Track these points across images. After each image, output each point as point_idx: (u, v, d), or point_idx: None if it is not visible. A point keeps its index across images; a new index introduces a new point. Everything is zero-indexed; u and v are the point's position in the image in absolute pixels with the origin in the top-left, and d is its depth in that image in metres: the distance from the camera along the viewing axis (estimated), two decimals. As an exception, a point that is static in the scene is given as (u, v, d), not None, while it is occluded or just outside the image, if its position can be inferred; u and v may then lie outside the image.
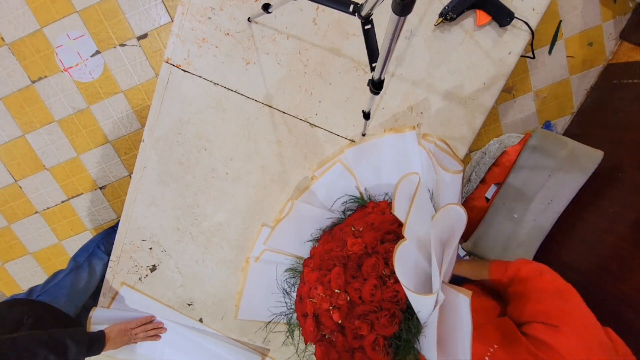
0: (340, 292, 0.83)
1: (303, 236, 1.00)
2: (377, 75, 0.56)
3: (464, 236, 1.27)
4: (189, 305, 1.11)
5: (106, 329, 1.00)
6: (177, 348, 1.11)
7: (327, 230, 0.98)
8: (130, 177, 1.25)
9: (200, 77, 0.93)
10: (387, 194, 0.96)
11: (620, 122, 1.26)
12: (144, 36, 1.46)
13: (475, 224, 1.25)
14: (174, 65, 0.93)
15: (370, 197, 0.97)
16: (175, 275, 1.09)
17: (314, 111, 0.95)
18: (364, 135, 0.95)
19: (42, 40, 1.45)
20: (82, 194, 1.65)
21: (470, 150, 1.39)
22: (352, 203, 0.97)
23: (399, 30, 0.43)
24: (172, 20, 1.43)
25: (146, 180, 1.01)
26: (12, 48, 1.46)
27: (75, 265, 1.18)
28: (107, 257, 1.24)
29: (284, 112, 0.95)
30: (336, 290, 0.83)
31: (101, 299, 1.12)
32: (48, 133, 1.55)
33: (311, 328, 0.87)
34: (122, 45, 1.47)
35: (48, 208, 1.67)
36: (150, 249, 1.07)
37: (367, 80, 0.60)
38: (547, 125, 1.56)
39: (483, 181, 1.29)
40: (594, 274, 1.06)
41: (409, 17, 0.40)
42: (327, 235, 0.96)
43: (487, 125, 1.56)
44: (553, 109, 1.55)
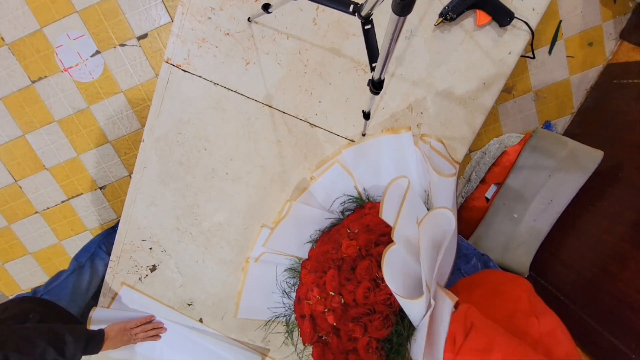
0: (334, 294, 0.83)
1: (302, 237, 0.99)
2: (377, 75, 0.56)
3: (464, 236, 1.27)
4: (189, 305, 1.11)
5: (106, 328, 1.00)
6: (177, 348, 1.11)
7: (326, 231, 0.98)
8: (130, 177, 1.25)
9: (200, 77, 0.93)
10: None
11: (620, 122, 1.26)
12: (144, 36, 1.46)
13: (475, 224, 1.25)
14: (174, 65, 0.93)
15: (369, 197, 0.96)
16: (175, 275, 1.09)
17: (314, 111, 0.95)
18: (364, 135, 0.95)
19: (42, 40, 1.45)
20: (82, 194, 1.65)
21: (470, 150, 1.39)
22: (351, 203, 0.97)
23: (399, 30, 0.43)
24: (172, 20, 1.43)
25: (146, 180, 1.01)
26: (12, 48, 1.45)
27: (78, 266, 1.18)
28: (108, 257, 1.24)
29: (284, 112, 0.95)
30: (331, 293, 0.83)
31: (101, 299, 1.12)
32: (48, 133, 1.55)
33: (308, 329, 0.87)
34: (122, 45, 1.47)
35: (48, 208, 1.67)
36: (150, 249, 1.07)
37: (367, 80, 0.60)
38: (547, 125, 1.56)
39: (483, 181, 1.29)
40: (594, 274, 1.06)
41: (409, 17, 0.40)
42: (325, 236, 0.96)
43: (487, 125, 1.56)
44: (553, 109, 1.55)
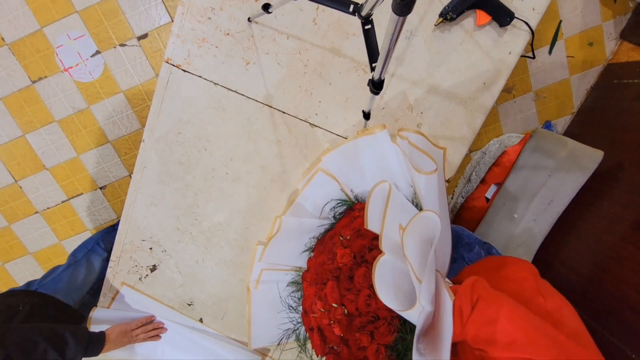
0: (337, 306, 0.83)
1: (298, 248, 0.98)
2: (377, 75, 0.56)
3: (464, 236, 1.26)
4: (189, 305, 1.11)
5: (107, 330, 1.00)
6: (177, 348, 1.11)
7: (320, 239, 0.97)
8: (130, 177, 1.25)
9: (200, 77, 0.93)
10: None
11: (620, 122, 1.26)
12: (144, 36, 1.46)
13: (475, 224, 1.25)
14: (174, 65, 0.93)
15: (357, 198, 0.96)
16: (176, 275, 1.09)
17: (314, 111, 0.95)
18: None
19: (42, 40, 1.45)
20: (82, 194, 1.65)
21: (470, 150, 1.39)
22: (341, 206, 0.96)
23: (399, 30, 0.43)
24: (172, 21, 1.43)
25: (146, 180, 1.01)
26: (12, 48, 1.46)
27: (74, 261, 1.18)
28: (106, 253, 1.24)
29: (284, 112, 0.95)
30: (333, 305, 0.83)
31: (101, 299, 1.12)
32: (48, 133, 1.55)
33: (318, 342, 0.87)
34: (122, 45, 1.47)
35: (48, 208, 1.67)
36: (151, 249, 1.07)
37: (367, 80, 0.60)
38: (547, 125, 1.56)
39: (483, 181, 1.29)
40: (594, 274, 1.06)
41: (409, 17, 0.40)
42: (320, 245, 0.95)
43: (487, 125, 1.56)
44: (553, 109, 1.55)
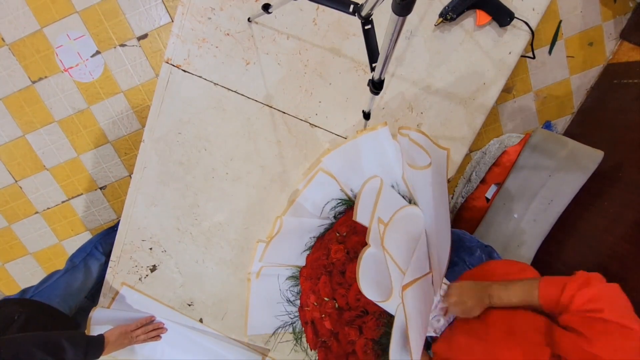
0: (328, 300, 0.83)
1: (298, 247, 0.99)
2: (377, 75, 0.56)
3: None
4: (189, 305, 1.11)
5: (106, 333, 0.99)
6: (177, 348, 1.11)
7: (320, 237, 0.98)
8: (131, 177, 1.25)
9: (200, 77, 0.93)
10: None
11: (620, 122, 1.26)
12: (144, 36, 1.46)
13: (475, 224, 1.25)
14: (174, 66, 0.93)
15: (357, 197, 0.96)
16: (176, 275, 1.09)
17: (314, 111, 0.95)
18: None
19: (42, 40, 1.45)
20: (82, 194, 1.65)
21: (470, 150, 1.39)
22: (341, 206, 0.96)
23: (399, 30, 0.43)
24: (172, 21, 1.43)
25: (146, 180, 1.01)
26: (12, 48, 1.46)
27: (71, 266, 1.17)
28: (105, 257, 1.22)
29: (284, 112, 0.95)
30: (325, 299, 0.84)
31: (101, 299, 1.12)
32: (48, 133, 1.55)
33: (311, 335, 0.88)
34: (122, 45, 1.47)
35: (48, 208, 1.67)
36: (151, 249, 1.07)
37: (367, 80, 0.60)
38: (547, 125, 1.56)
39: (483, 181, 1.29)
40: (594, 274, 1.06)
41: (409, 17, 0.40)
42: (319, 242, 0.96)
43: (487, 125, 1.56)
44: (553, 109, 1.55)
